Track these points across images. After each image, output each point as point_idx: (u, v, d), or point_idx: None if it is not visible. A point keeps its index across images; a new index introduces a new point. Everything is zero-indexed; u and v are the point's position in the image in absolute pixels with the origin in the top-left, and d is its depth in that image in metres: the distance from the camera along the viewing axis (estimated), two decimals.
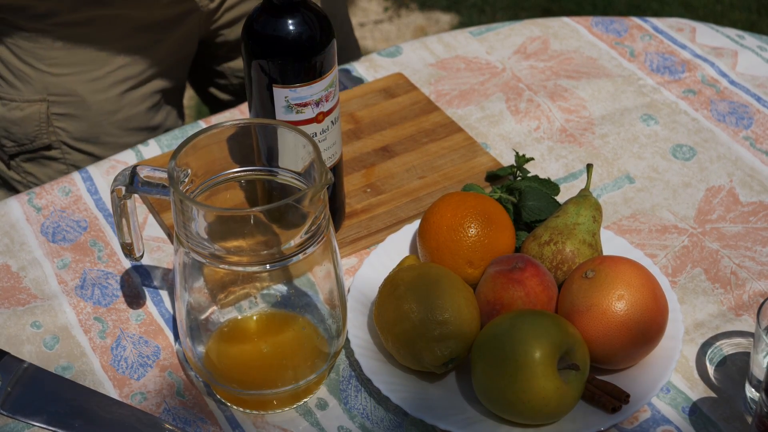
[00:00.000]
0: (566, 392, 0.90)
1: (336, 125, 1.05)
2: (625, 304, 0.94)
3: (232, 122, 0.94)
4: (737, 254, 1.10)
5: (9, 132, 1.35)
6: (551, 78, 1.34)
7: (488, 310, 0.98)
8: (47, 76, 1.32)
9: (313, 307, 0.98)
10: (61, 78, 1.32)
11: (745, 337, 1.02)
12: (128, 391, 0.99)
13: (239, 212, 0.89)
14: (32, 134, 1.34)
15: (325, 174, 0.88)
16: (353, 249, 1.12)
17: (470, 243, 1.02)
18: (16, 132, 1.34)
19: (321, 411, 0.98)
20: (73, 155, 1.37)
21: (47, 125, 1.33)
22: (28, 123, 1.34)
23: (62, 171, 1.38)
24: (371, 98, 1.30)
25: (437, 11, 3.04)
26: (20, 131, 1.34)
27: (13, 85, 1.33)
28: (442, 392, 0.97)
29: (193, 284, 0.94)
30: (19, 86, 1.32)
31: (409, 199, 1.17)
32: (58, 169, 1.38)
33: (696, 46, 1.38)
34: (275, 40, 0.98)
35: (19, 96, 1.33)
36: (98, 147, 1.37)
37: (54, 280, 1.10)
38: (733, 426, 0.95)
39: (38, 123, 1.33)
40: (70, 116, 1.34)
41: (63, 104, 1.33)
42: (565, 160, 1.22)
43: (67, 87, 1.32)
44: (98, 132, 1.36)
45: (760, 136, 1.24)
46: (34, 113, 1.33)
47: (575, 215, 1.03)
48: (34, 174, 1.38)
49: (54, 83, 1.32)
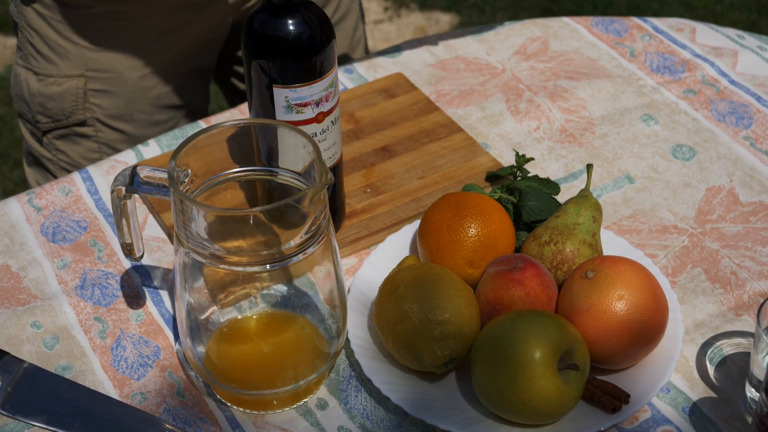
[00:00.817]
0: (566, 392, 0.90)
1: (336, 125, 1.05)
2: (625, 304, 0.94)
3: (232, 122, 0.94)
4: (737, 254, 1.10)
5: (45, 107, 1.37)
6: (551, 78, 1.34)
7: (488, 310, 0.98)
8: (87, 52, 1.34)
9: (313, 307, 0.98)
10: (100, 54, 1.34)
11: (745, 337, 1.02)
12: (128, 391, 0.99)
13: (239, 212, 0.89)
14: (68, 109, 1.37)
15: (325, 174, 0.88)
16: (353, 249, 1.12)
17: (470, 243, 1.02)
18: (52, 107, 1.37)
19: (321, 411, 0.98)
20: (106, 133, 1.40)
21: (84, 101, 1.36)
22: (65, 98, 1.36)
23: (93, 149, 1.40)
24: (371, 98, 1.30)
25: (437, 11, 3.04)
26: (56, 106, 1.37)
27: (51, 61, 1.35)
28: (442, 392, 0.97)
29: (193, 284, 0.94)
30: (58, 62, 1.35)
31: (409, 199, 1.17)
32: (89, 147, 1.40)
33: (696, 46, 1.38)
34: (275, 40, 0.98)
35: (57, 71, 1.35)
36: (130, 125, 1.40)
37: (54, 280, 1.10)
38: (733, 426, 0.95)
39: (75, 98, 1.36)
40: (106, 93, 1.37)
41: (100, 80, 1.36)
42: (565, 160, 1.22)
43: (106, 63, 1.35)
44: (132, 109, 1.39)
45: (760, 136, 1.24)
46: (71, 88, 1.36)
47: (575, 215, 1.03)
48: (65, 152, 1.41)
49: (93, 59, 1.34)
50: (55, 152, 1.41)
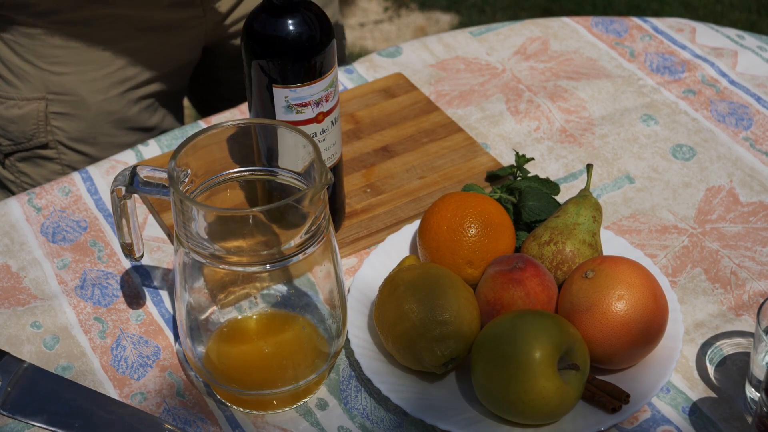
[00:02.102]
0: (566, 392, 0.90)
1: (336, 125, 1.05)
2: (625, 304, 0.94)
3: (232, 122, 0.94)
4: (737, 254, 1.10)
5: (5, 130, 1.34)
6: (551, 79, 1.34)
7: (488, 310, 0.98)
8: (47, 75, 1.32)
9: (313, 307, 0.98)
10: (61, 77, 1.32)
11: (745, 337, 1.02)
12: (128, 391, 0.99)
13: (239, 212, 0.89)
14: (29, 132, 1.34)
15: (325, 174, 0.88)
16: (353, 249, 1.12)
17: (470, 243, 1.02)
18: (13, 130, 1.34)
19: (321, 411, 0.98)
20: (69, 155, 1.37)
21: (45, 124, 1.33)
22: (26, 121, 1.33)
23: (57, 171, 1.37)
24: (371, 98, 1.30)
25: (437, 11, 3.04)
26: (17, 129, 1.34)
27: (11, 83, 1.33)
28: (442, 392, 0.97)
29: (193, 284, 0.94)
30: (18, 84, 1.32)
31: (409, 199, 1.17)
32: (52, 170, 1.37)
33: (696, 46, 1.38)
34: (275, 40, 0.98)
35: (18, 94, 1.33)
36: (94, 147, 1.37)
37: (54, 281, 1.10)
38: (733, 426, 0.95)
39: (36, 121, 1.33)
40: (68, 115, 1.34)
41: (62, 103, 1.33)
42: (565, 160, 1.22)
43: (67, 86, 1.32)
44: (95, 132, 1.36)
45: (760, 136, 1.24)
46: (32, 111, 1.33)
47: (575, 215, 1.03)
48: (28, 174, 1.38)
49: (54, 82, 1.32)
50: (18, 174, 1.38)
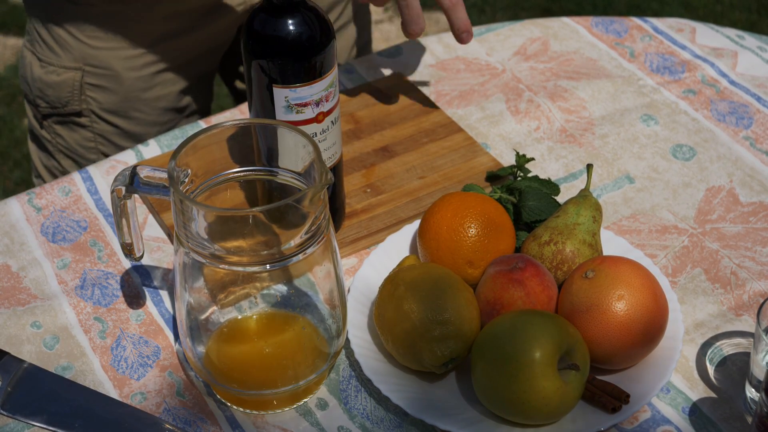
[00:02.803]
0: (566, 392, 0.90)
1: (336, 125, 1.05)
2: (625, 304, 0.94)
3: (232, 122, 0.94)
4: (737, 254, 1.10)
5: (44, 93, 1.39)
6: (551, 79, 1.34)
7: (488, 310, 0.98)
8: (85, 47, 1.35)
9: (313, 307, 0.98)
10: (98, 51, 1.35)
11: (745, 337, 1.02)
12: (128, 391, 0.99)
13: (239, 212, 0.89)
14: (65, 99, 1.38)
15: (325, 174, 0.88)
16: (353, 249, 1.12)
17: (470, 243, 1.02)
18: (50, 94, 1.39)
19: (321, 411, 0.98)
20: (101, 125, 1.40)
21: (80, 93, 1.37)
22: (62, 88, 1.37)
23: (89, 138, 1.41)
24: (371, 98, 1.30)
25: (437, 11, 3.04)
26: (53, 94, 1.38)
27: (53, 50, 1.37)
28: (442, 392, 0.97)
29: (193, 284, 0.94)
30: (59, 52, 1.36)
31: (409, 199, 1.17)
32: (85, 136, 1.41)
33: (696, 46, 1.38)
34: (275, 40, 0.98)
35: (57, 61, 1.37)
36: (126, 121, 1.41)
37: (54, 280, 1.10)
38: (733, 426, 0.95)
39: (71, 90, 1.37)
40: (102, 88, 1.38)
41: (97, 75, 1.37)
42: (565, 160, 1.22)
43: (103, 60, 1.36)
44: (127, 107, 1.40)
45: (760, 136, 1.24)
46: (68, 80, 1.37)
47: (575, 215, 1.03)
48: (63, 137, 1.42)
49: (91, 54, 1.35)
50: (54, 136, 1.42)
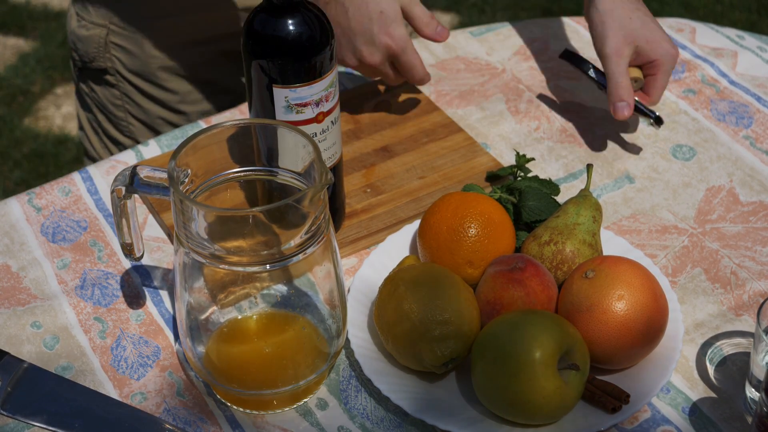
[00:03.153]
0: (566, 392, 0.90)
1: (336, 125, 1.05)
2: (625, 304, 0.94)
3: (232, 122, 0.94)
4: (737, 254, 1.10)
5: (76, 47, 1.43)
6: (551, 79, 1.34)
7: (488, 310, 0.98)
8: (114, 5, 1.38)
9: (313, 307, 0.98)
10: (125, 11, 1.37)
11: (745, 337, 1.02)
12: (128, 391, 0.99)
13: (239, 212, 0.89)
14: (92, 54, 1.41)
15: (325, 174, 0.88)
16: (353, 249, 1.12)
17: (470, 243, 1.02)
18: (80, 48, 1.42)
19: (321, 411, 0.98)
20: (125, 86, 1.43)
21: (105, 51, 1.40)
22: (89, 43, 1.41)
23: (117, 96, 1.43)
24: (371, 98, 1.30)
25: (437, 11, 3.04)
26: (83, 48, 1.42)
27: (85, 5, 1.40)
28: (442, 392, 0.97)
29: (193, 284, 0.94)
30: (89, 7, 1.40)
31: (409, 199, 1.17)
32: (114, 94, 1.44)
33: (696, 46, 1.38)
34: (275, 40, 0.98)
35: (88, 16, 1.40)
36: (151, 86, 1.43)
37: (54, 280, 1.10)
38: (733, 426, 0.95)
39: (97, 46, 1.40)
40: (125, 49, 1.40)
41: (121, 36, 1.39)
42: (565, 160, 1.22)
43: (129, 21, 1.38)
44: (150, 71, 1.42)
45: (760, 135, 1.24)
46: (94, 36, 1.40)
47: (575, 215, 1.03)
48: (96, 91, 1.45)
49: (118, 14, 1.38)
50: (89, 89, 1.46)
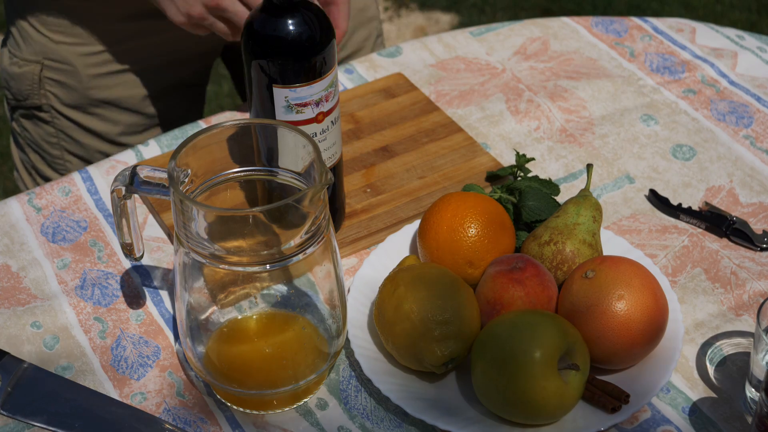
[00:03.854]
0: (566, 392, 0.90)
1: (336, 125, 1.05)
2: (625, 304, 0.94)
3: (232, 122, 0.94)
4: (737, 254, 1.10)
5: (9, 85, 1.40)
6: (551, 79, 1.34)
7: (488, 310, 0.98)
8: (46, 41, 1.35)
9: (313, 307, 0.98)
10: (58, 45, 1.35)
11: (745, 337, 1.02)
12: (128, 391, 0.99)
13: (239, 212, 0.89)
14: (25, 92, 1.39)
15: (325, 174, 0.88)
16: (353, 249, 1.12)
17: (470, 243, 1.02)
18: (13, 86, 1.40)
19: (321, 411, 0.98)
20: (62, 121, 1.40)
21: (39, 87, 1.37)
22: (23, 80, 1.38)
23: (52, 134, 1.41)
24: (371, 98, 1.30)
25: (437, 11, 3.04)
26: (16, 86, 1.39)
27: (17, 42, 1.38)
28: (442, 392, 0.97)
29: (193, 284, 0.94)
30: (21, 44, 1.37)
31: (409, 199, 1.17)
32: (48, 131, 1.41)
33: (696, 47, 1.38)
34: (275, 40, 0.98)
35: (20, 53, 1.38)
36: (88, 118, 1.40)
37: (54, 280, 1.10)
38: (733, 426, 0.95)
39: (31, 83, 1.38)
40: (61, 83, 1.37)
41: (56, 70, 1.36)
42: (565, 160, 1.22)
43: (62, 55, 1.35)
44: (87, 104, 1.39)
45: (760, 134, 1.24)
46: (28, 72, 1.37)
47: (575, 215, 1.03)
48: (29, 130, 1.42)
49: (51, 49, 1.35)
50: (21, 129, 1.43)
